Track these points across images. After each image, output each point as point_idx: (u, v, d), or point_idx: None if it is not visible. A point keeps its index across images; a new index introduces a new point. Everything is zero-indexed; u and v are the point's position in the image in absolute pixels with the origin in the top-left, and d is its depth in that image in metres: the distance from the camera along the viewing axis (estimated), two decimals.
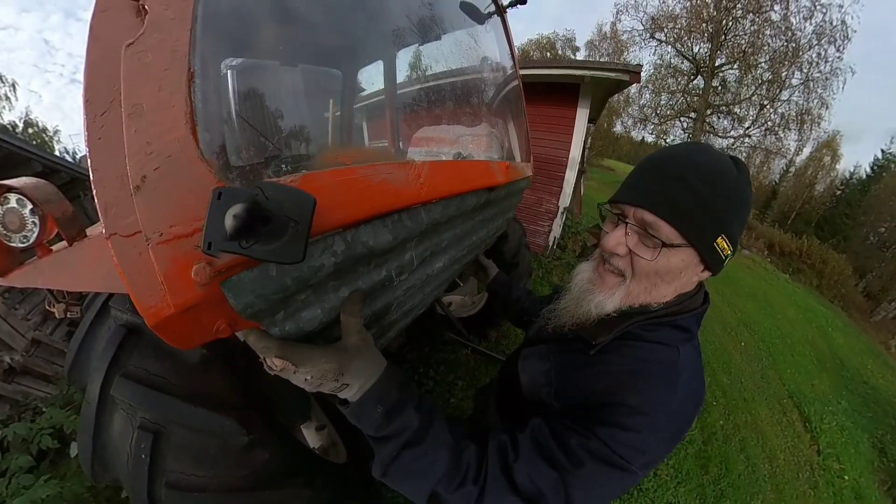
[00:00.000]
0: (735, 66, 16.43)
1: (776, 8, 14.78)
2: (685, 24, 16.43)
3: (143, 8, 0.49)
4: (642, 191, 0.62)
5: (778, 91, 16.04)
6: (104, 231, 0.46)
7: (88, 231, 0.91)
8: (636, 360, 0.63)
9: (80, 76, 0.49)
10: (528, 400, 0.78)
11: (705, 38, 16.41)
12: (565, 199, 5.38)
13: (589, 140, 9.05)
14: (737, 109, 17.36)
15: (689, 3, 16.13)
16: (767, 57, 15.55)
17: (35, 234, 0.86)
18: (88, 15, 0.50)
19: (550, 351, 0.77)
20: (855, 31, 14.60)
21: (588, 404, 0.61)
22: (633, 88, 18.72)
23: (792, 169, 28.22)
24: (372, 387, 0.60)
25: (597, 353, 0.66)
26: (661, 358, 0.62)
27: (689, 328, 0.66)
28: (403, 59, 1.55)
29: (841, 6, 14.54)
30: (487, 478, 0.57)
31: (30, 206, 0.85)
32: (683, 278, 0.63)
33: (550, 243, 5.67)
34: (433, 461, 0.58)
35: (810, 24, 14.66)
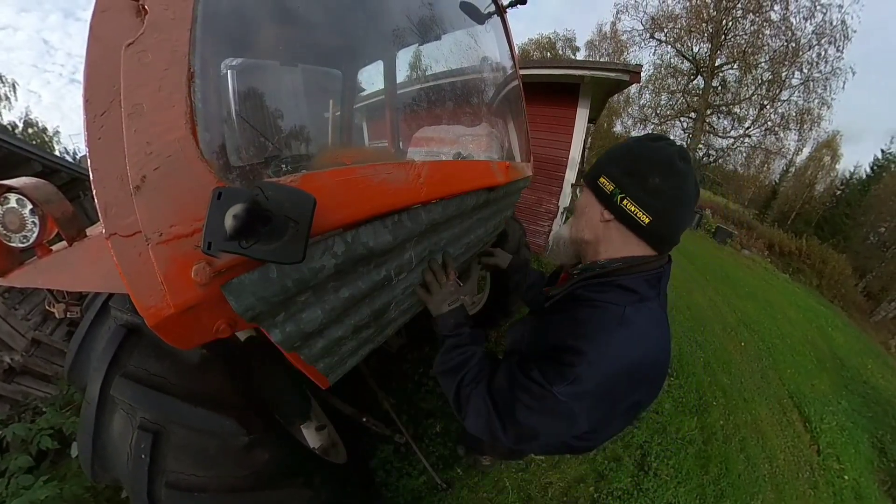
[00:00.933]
0: (735, 66, 16.42)
1: (776, 8, 14.79)
2: (685, 24, 16.43)
3: (143, 8, 0.49)
4: (603, 168, 0.81)
5: (778, 91, 16.03)
6: (104, 231, 0.46)
7: (88, 231, 0.91)
8: (582, 312, 0.74)
9: (80, 76, 0.49)
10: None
11: (705, 38, 16.41)
12: (565, 199, 5.38)
13: (589, 140, 9.04)
14: (737, 109, 17.36)
15: (689, 3, 16.13)
16: (767, 57, 15.54)
17: (35, 234, 0.86)
18: (87, 15, 0.50)
19: (530, 317, 1.00)
20: (855, 31, 14.60)
21: (545, 349, 0.75)
22: (633, 88, 18.72)
23: (792, 169, 28.21)
24: (454, 309, 0.98)
25: (554, 310, 0.84)
26: (604, 313, 0.72)
27: (636, 289, 0.73)
28: (403, 59, 1.55)
29: (841, 6, 14.54)
30: (480, 382, 0.82)
31: (30, 206, 0.85)
32: (589, 213, 0.81)
33: (550, 243, 5.67)
34: (469, 357, 0.88)
35: (810, 24, 14.66)
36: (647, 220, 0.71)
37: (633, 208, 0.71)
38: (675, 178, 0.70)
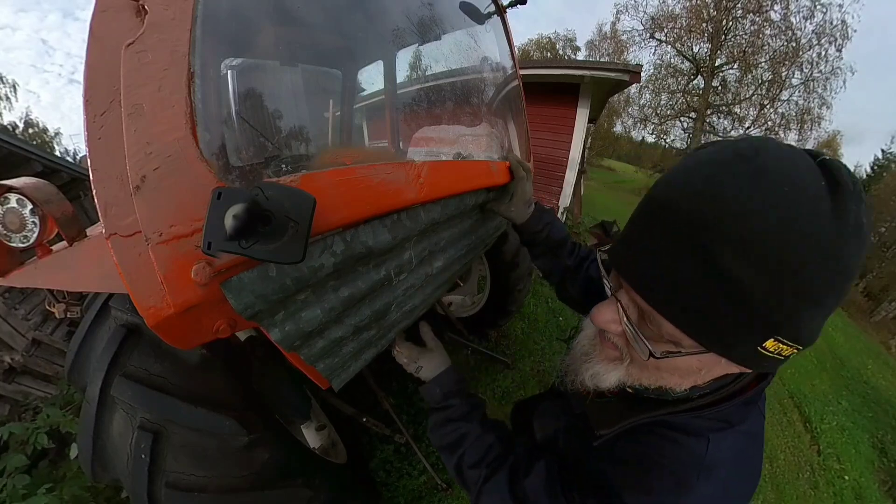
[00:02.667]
0: (735, 66, 16.43)
1: (776, 8, 14.80)
2: (685, 24, 16.44)
3: (143, 8, 0.49)
4: (636, 259, 0.42)
5: (778, 91, 16.04)
6: (104, 231, 0.46)
7: (88, 231, 0.91)
8: (648, 448, 0.50)
9: (79, 76, 0.50)
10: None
11: (705, 38, 16.41)
12: (565, 200, 5.38)
13: (589, 140, 9.05)
14: (737, 109, 17.35)
15: (689, 3, 16.14)
16: (767, 57, 15.54)
17: (35, 234, 0.86)
18: (86, 14, 0.50)
19: (561, 411, 0.73)
20: (855, 31, 14.61)
21: (591, 476, 0.54)
22: (633, 88, 18.72)
23: None
24: (437, 376, 0.89)
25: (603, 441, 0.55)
26: (679, 451, 0.48)
27: (727, 418, 0.49)
28: (403, 59, 1.55)
29: (841, 6, 14.55)
30: (496, 472, 0.67)
31: (30, 206, 0.85)
32: (706, 375, 0.46)
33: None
34: (464, 435, 0.76)
35: (810, 23, 14.67)
36: (791, 353, 0.39)
37: (775, 346, 0.37)
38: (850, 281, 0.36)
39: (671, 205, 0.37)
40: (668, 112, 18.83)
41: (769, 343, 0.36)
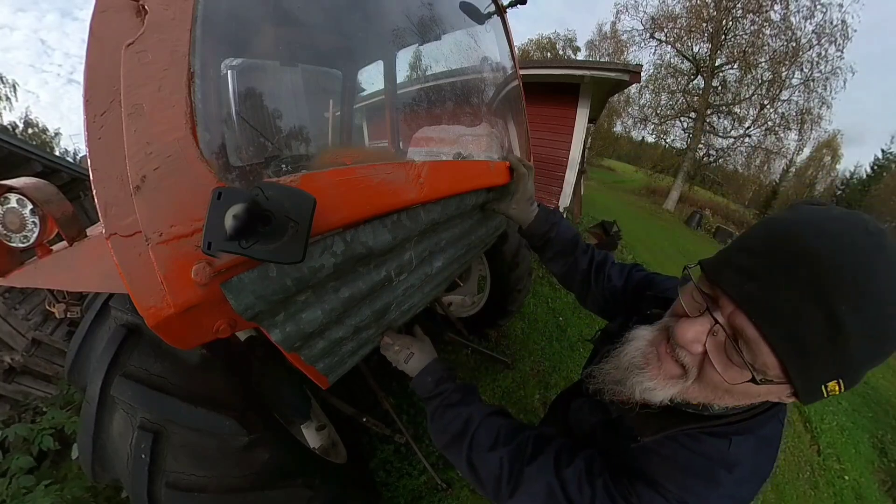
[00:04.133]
0: (735, 66, 16.42)
1: (776, 8, 14.78)
2: (685, 24, 16.43)
3: (143, 8, 0.49)
4: (755, 287, 0.43)
5: (778, 91, 16.02)
6: (104, 231, 0.46)
7: (88, 231, 0.91)
8: (681, 447, 0.56)
9: (77, 76, 0.50)
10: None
11: (705, 38, 16.39)
12: (565, 200, 5.38)
13: (589, 140, 9.05)
14: (737, 109, 17.33)
15: (689, 3, 16.12)
16: (767, 57, 15.53)
17: (35, 234, 0.86)
18: (84, 14, 0.50)
19: (600, 407, 0.73)
20: (855, 31, 14.59)
21: (628, 469, 0.58)
22: (633, 88, 18.71)
23: (792, 169, 28.19)
24: (425, 367, 0.87)
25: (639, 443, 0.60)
26: (707, 449, 0.54)
27: (749, 428, 0.54)
28: (403, 59, 1.55)
29: (841, 5, 14.53)
30: (537, 459, 0.64)
31: (30, 206, 0.85)
32: (760, 402, 0.52)
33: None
34: (468, 419, 0.73)
35: (810, 23, 14.65)
36: (840, 392, 0.43)
37: (834, 387, 0.43)
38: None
39: (810, 248, 0.41)
40: (668, 112, 18.81)
41: (832, 384, 0.42)
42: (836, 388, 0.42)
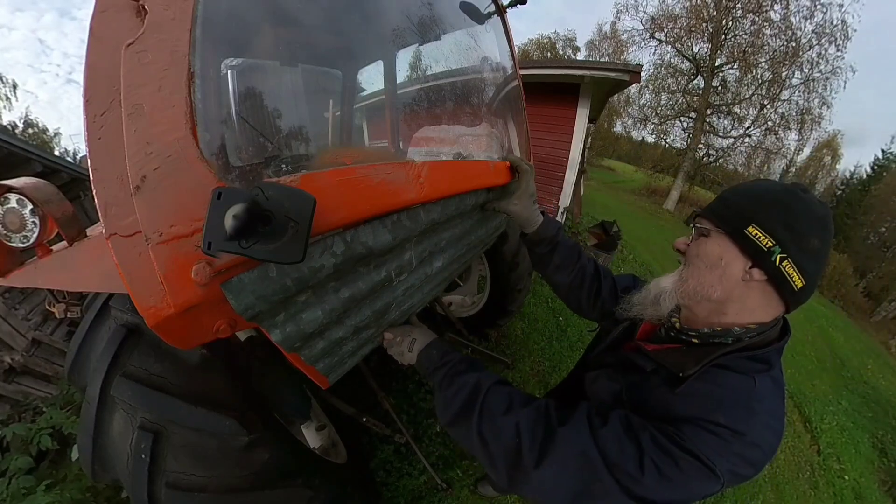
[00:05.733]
0: (735, 66, 16.40)
1: (776, 8, 14.76)
2: (685, 23, 16.41)
3: (143, 8, 0.49)
4: (714, 205, 0.72)
5: (778, 91, 16.00)
6: (104, 231, 0.46)
7: (88, 231, 0.91)
8: (716, 388, 0.64)
9: (76, 76, 0.50)
10: None
11: (705, 38, 16.37)
12: (565, 200, 5.38)
13: (589, 140, 9.04)
14: (737, 109, 17.31)
15: (689, 3, 16.10)
16: (767, 57, 15.51)
17: (35, 234, 0.86)
18: (83, 14, 0.51)
19: (617, 373, 0.78)
20: (855, 31, 14.58)
21: (669, 418, 0.62)
22: (633, 88, 18.70)
23: (792, 169, 28.18)
24: (431, 341, 0.89)
25: (670, 381, 0.67)
26: (740, 383, 0.63)
27: (768, 360, 0.66)
28: (403, 59, 1.55)
29: (841, 5, 14.51)
30: (567, 421, 0.65)
31: (30, 206, 0.85)
32: (726, 268, 0.66)
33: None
34: (477, 384, 0.72)
35: (810, 23, 14.63)
36: (800, 285, 0.62)
37: (791, 272, 0.61)
38: (829, 241, 0.63)
39: (764, 198, 0.66)
40: (668, 112, 18.79)
41: (750, 228, 0.63)
42: (758, 233, 0.62)
